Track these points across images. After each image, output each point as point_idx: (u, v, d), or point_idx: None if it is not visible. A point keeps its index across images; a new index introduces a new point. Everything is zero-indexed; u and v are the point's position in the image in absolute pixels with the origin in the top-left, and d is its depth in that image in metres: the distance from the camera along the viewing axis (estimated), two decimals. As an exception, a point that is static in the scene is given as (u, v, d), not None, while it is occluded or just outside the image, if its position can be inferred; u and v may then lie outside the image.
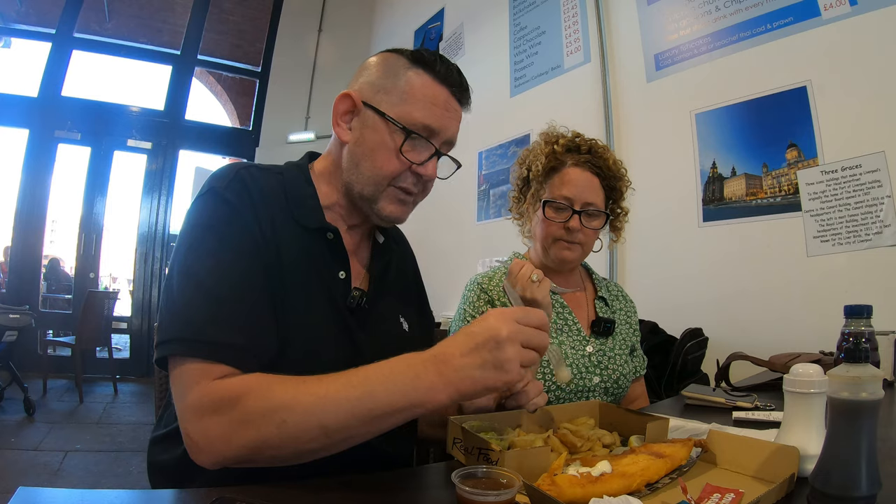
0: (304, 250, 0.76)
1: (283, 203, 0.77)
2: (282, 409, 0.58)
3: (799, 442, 0.61)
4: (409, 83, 0.78)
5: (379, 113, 0.78)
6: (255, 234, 0.71)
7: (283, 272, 0.72)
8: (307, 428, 0.58)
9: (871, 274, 1.64)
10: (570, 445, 0.71)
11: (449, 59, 0.82)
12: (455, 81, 0.81)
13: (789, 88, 1.88)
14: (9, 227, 4.68)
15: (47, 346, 4.71)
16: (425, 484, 0.71)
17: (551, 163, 1.21)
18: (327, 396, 0.59)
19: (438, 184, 0.86)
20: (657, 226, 2.30)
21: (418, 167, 0.79)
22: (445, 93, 0.80)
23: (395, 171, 0.78)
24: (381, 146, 0.78)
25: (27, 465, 2.62)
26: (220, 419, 0.59)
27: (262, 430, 0.58)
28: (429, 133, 0.78)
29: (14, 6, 4.99)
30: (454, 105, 0.82)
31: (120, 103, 5.04)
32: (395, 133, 0.77)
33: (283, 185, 0.80)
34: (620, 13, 2.59)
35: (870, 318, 0.86)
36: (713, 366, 1.43)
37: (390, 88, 0.78)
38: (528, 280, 0.94)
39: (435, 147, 0.80)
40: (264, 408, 0.58)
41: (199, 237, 0.69)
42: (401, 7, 4.74)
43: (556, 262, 1.21)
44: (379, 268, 0.88)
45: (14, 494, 0.51)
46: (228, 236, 0.69)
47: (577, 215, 1.16)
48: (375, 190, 0.79)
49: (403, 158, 0.78)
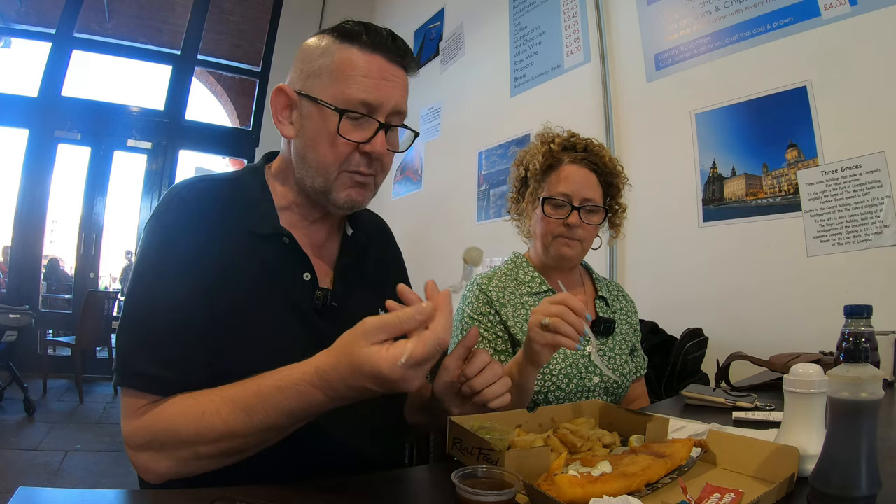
0: (259, 260, 0.74)
1: (234, 214, 0.75)
2: (190, 444, 0.62)
3: (799, 442, 0.61)
4: (337, 61, 0.74)
5: (312, 100, 0.74)
6: (191, 260, 0.69)
7: (236, 288, 0.70)
8: (218, 453, 0.63)
9: (871, 274, 1.64)
10: (570, 445, 0.71)
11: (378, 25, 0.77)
12: (387, 47, 0.75)
13: (789, 88, 1.88)
14: (9, 227, 4.69)
15: (47, 346, 4.71)
16: (425, 484, 0.71)
17: (548, 161, 1.22)
18: (227, 427, 0.61)
19: (439, 184, 0.86)
20: (657, 225, 2.30)
21: (364, 146, 0.74)
22: (379, 60, 0.74)
23: (339, 157, 0.74)
24: (321, 133, 0.74)
25: (27, 465, 2.62)
26: (144, 454, 0.64)
27: (180, 458, 0.63)
28: (368, 108, 0.74)
29: (14, 6, 4.99)
30: (393, 72, 0.76)
31: (120, 103, 5.04)
32: (331, 117, 0.73)
33: (235, 193, 0.77)
34: (620, 13, 2.59)
35: (870, 318, 0.86)
36: (713, 366, 1.43)
37: (320, 72, 0.74)
38: (538, 321, 0.86)
39: (379, 122, 0.74)
40: (176, 443, 0.63)
41: (139, 269, 0.71)
42: (401, 7, 4.74)
43: (556, 259, 1.21)
44: (346, 263, 0.84)
45: (14, 494, 0.51)
46: (164, 266, 0.69)
47: (576, 211, 1.17)
48: (326, 180, 0.76)
49: (345, 140, 0.73)
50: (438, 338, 0.56)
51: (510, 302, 1.18)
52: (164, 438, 0.63)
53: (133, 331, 0.68)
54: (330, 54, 0.74)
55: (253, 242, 0.74)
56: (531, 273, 1.24)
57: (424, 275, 1.06)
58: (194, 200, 0.74)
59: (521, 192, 1.30)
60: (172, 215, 0.72)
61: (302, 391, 0.60)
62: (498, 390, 0.76)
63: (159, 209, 0.73)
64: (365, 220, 0.93)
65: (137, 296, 0.69)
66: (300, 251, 0.77)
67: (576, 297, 0.86)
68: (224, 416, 0.61)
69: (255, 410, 0.60)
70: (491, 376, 0.75)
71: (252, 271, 0.72)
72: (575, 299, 0.85)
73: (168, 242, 0.70)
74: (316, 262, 0.80)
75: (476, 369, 0.75)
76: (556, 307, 0.84)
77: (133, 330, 0.68)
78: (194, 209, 0.73)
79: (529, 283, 1.22)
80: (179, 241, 0.70)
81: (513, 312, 1.17)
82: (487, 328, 1.15)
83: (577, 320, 0.83)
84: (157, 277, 0.69)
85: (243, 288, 0.71)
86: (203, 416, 0.62)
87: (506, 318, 1.15)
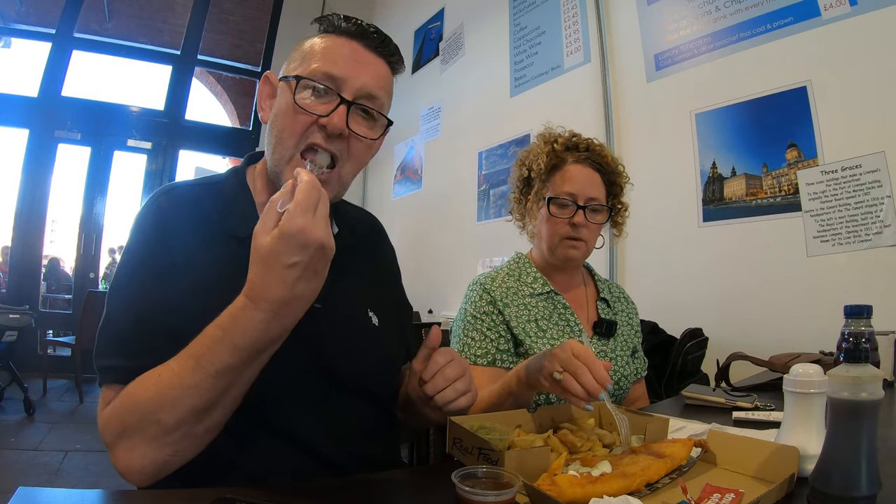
0: (239, 263, 0.70)
1: (213, 217, 0.75)
2: (152, 413, 0.59)
3: (799, 442, 0.61)
4: (314, 44, 0.74)
5: (284, 79, 0.73)
6: (167, 265, 0.69)
7: (213, 292, 0.67)
8: (183, 415, 0.59)
9: (871, 274, 1.64)
10: (570, 445, 0.71)
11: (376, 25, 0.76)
12: (367, 36, 0.75)
13: (789, 88, 1.88)
14: (9, 227, 4.68)
15: (47, 346, 4.71)
16: (425, 484, 0.71)
17: (552, 161, 1.22)
18: (184, 383, 0.58)
19: (439, 184, 0.85)
20: (657, 226, 2.30)
21: (322, 118, 0.70)
22: (354, 45, 0.74)
23: (295, 130, 0.70)
24: (282, 108, 0.72)
25: (27, 465, 2.62)
26: (119, 448, 0.62)
27: (148, 437, 0.59)
28: (332, 81, 0.71)
29: (14, 6, 4.99)
30: (368, 57, 0.75)
31: (120, 103, 5.04)
32: (294, 88, 0.71)
33: (215, 197, 0.77)
34: (620, 13, 2.59)
35: (870, 318, 0.86)
36: (713, 366, 1.43)
37: (299, 56, 0.75)
38: (550, 373, 0.79)
39: (341, 97, 0.70)
40: (139, 418, 0.60)
41: (116, 275, 0.72)
42: (401, 7, 4.74)
43: (562, 260, 1.22)
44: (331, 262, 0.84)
45: (14, 494, 0.51)
46: (139, 272, 0.70)
47: (582, 210, 1.17)
48: (280, 157, 0.72)
49: (302, 111, 0.69)
50: (304, 181, 0.56)
51: (513, 302, 1.18)
52: (129, 417, 0.61)
53: (104, 331, 0.69)
54: (312, 42, 0.75)
55: (233, 245, 0.73)
56: (534, 274, 1.24)
57: (424, 274, 1.06)
58: (171, 207, 0.74)
59: (524, 192, 1.30)
60: (150, 221, 0.73)
61: (237, 316, 0.58)
62: (448, 396, 0.72)
63: (138, 216, 0.75)
64: (353, 218, 0.91)
65: (114, 296, 0.70)
66: None
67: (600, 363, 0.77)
68: (175, 369, 0.60)
69: (201, 355, 0.59)
70: (442, 381, 0.72)
71: (233, 274, 0.70)
72: (598, 364, 0.76)
73: (144, 248, 0.71)
74: None
75: (430, 374, 0.73)
76: (575, 365, 0.76)
77: (105, 330, 0.69)
78: (171, 215, 0.73)
79: (532, 283, 1.22)
80: (155, 246, 0.71)
81: (516, 313, 1.17)
82: (490, 327, 1.15)
83: (592, 383, 0.74)
84: (131, 283, 0.70)
85: (221, 291, 0.69)
86: (159, 378, 0.60)
87: (509, 318, 1.15)
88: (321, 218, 0.56)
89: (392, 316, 0.90)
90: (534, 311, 1.18)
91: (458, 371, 0.74)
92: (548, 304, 1.20)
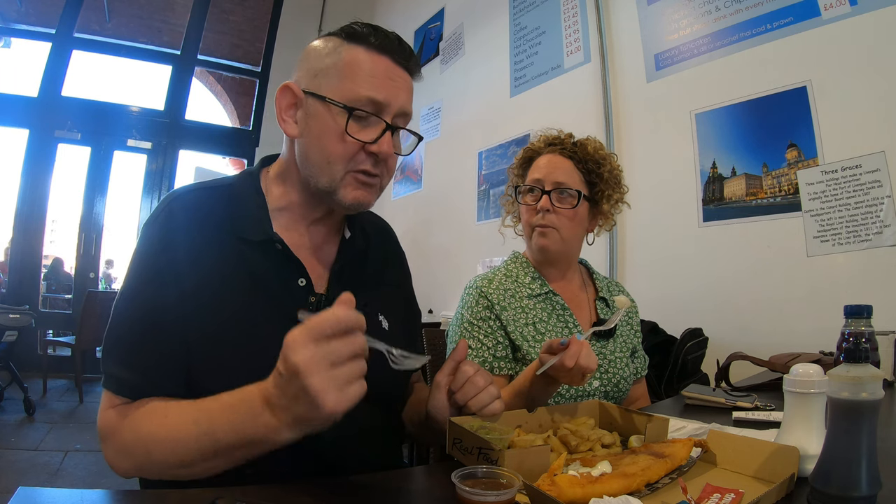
0: (251, 267, 0.73)
1: (225, 222, 0.75)
2: (146, 443, 0.63)
3: (799, 442, 0.61)
4: (345, 60, 0.74)
5: (319, 98, 0.73)
6: (176, 270, 0.70)
7: (224, 297, 0.69)
8: (168, 460, 0.63)
9: (871, 274, 1.64)
10: (570, 445, 0.71)
11: (386, 29, 0.77)
12: (394, 49, 0.75)
13: (789, 88, 1.88)
14: (9, 227, 4.68)
15: (47, 346, 4.71)
16: (425, 484, 0.71)
17: (528, 154, 1.26)
18: (178, 434, 0.62)
19: (439, 184, 0.86)
20: (657, 226, 2.30)
21: (371, 146, 0.73)
22: (385, 61, 0.75)
23: (345, 155, 0.73)
24: (327, 132, 0.73)
25: (27, 465, 2.62)
26: (107, 446, 0.67)
27: (136, 458, 0.65)
28: (375, 107, 0.73)
29: (14, 6, 4.99)
30: (398, 73, 0.76)
31: (120, 103, 5.04)
32: (339, 115, 0.72)
33: (227, 201, 0.77)
34: (620, 13, 2.59)
35: (870, 318, 0.85)
36: (713, 366, 1.43)
37: (327, 70, 0.74)
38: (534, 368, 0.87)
39: (385, 122, 0.74)
40: (133, 440, 0.65)
41: (127, 276, 0.73)
42: (401, 7, 4.74)
43: (537, 250, 1.22)
44: (342, 265, 0.83)
45: (14, 494, 0.51)
46: (149, 275, 0.71)
47: (547, 195, 1.18)
48: (332, 180, 0.74)
49: (352, 140, 0.72)
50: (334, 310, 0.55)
51: (511, 305, 1.16)
52: (127, 436, 0.65)
53: (112, 334, 0.70)
54: (338, 53, 0.75)
55: (245, 250, 0.73)
56: (531, 273, 1.23)
57: (424, 275, 1.06)
58: (182, 211, 0.75)
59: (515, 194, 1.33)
60: (161, 226, 0.73)
61: (247, 400, 0.58)
62: (483, 400, 0.75)
63: (150, 219, 0.75)
64: (364, 221, 0.92)
65: (121, 301, 0.71)
66: (293, 257, 0.76)
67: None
68: (179, 422, 0.62)
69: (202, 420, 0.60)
70: (472, 390, 0.75)
71: (242, 279, 0.72)
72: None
73: (154, 253, 0.71)
74: (312, 266, 0.79)
75: (459, 384, 0.75)
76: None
77: (112, 333, 0.70)
78: (182, 220, 0.74)
79: (530, 284, 1.21)
80: (166, 251, 0.71)
81: (513, 316, 1.15)
82: (487, 334, 1.14)
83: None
84: (141, 286, 0.70)
85: (232, 296, 0.70)
86: (164, 418, 0.64)
87: (506, 323, 1.14)
88: (356, 370, 0.56)
89: (401, 319, 0.91)
90: (532, 314, 1.17)
91: (488, 379, 0.77)
92: (546, 305, 1.20)
